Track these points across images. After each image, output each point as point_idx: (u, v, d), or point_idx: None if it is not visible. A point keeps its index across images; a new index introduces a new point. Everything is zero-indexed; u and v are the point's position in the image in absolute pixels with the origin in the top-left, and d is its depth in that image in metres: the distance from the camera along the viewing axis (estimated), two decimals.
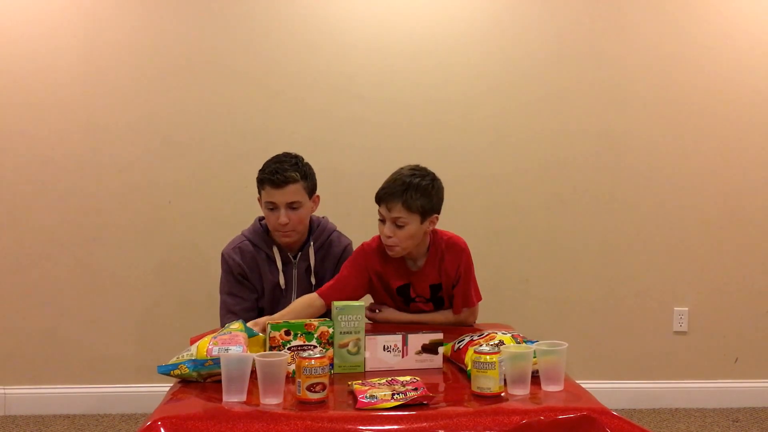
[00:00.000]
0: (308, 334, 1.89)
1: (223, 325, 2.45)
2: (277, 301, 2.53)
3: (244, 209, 3.54)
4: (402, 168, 2.42)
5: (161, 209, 3.58)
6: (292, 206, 2.42)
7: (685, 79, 3.69)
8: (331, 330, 1.90)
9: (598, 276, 3.72)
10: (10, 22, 3.49)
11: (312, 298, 2.37)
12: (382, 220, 2.36)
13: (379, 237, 2.44)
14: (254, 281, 2.53)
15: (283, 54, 3.58)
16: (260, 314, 2.54)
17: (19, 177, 3.54)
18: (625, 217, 3.71)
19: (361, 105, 3.60)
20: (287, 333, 1.88)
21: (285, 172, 2.40)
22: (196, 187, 3.59)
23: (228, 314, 2.51)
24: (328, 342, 1.89)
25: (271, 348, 1.87)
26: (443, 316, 2.51)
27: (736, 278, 3.75)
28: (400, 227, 2.32)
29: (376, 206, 2.39)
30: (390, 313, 2.52)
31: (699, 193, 3.72)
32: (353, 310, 1.90)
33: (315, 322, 1.91)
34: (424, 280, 2.48)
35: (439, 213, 2.42)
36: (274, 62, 3.58)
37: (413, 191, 2.31)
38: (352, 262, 2.47)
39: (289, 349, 1.86)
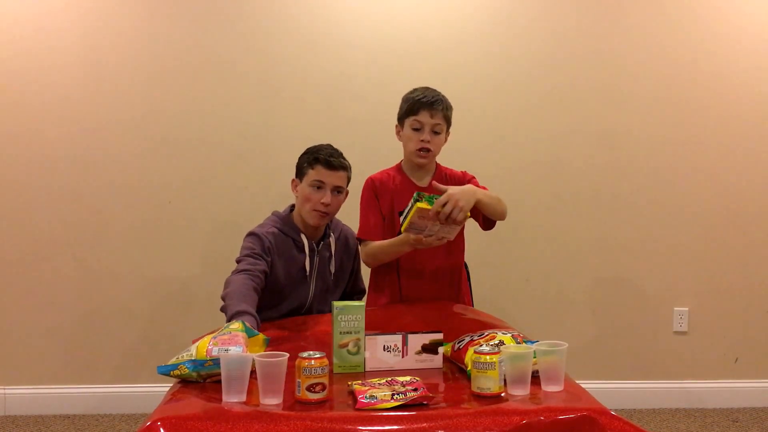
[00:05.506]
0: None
1: (237, 265, 2.43)
2: (300, 284, 2.57)
3: (244, 209, 3.54)
4: (416, 88, 2.57)
5: (161, 209, 3.59)
6: (337, 190, 2.56)
7: (685, 79, 3.69)
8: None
9: (598, 276, 3.72)
10: (10, 21, 3.49)
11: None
12: (418, 129, 2.50)
13: (382, 172, 2.63)
14: (277, 265, 2.53)
15: (283, 54, 3.58)
16: (264, 299, 2.48)
17: (19, 177, 3.54)
18: (625, 217, 3.71)
19: (361, 105, 3.60)
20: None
21: (340, 157, 2.58)
22: (196, 187, 3.59)
23: (244, 258, 2.44)
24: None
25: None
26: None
27: (736, 278, 3.75)
28: (436, 134, 2.52)
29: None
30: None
31: (699, 193, 3.72)
32: (353, 310, 1.90)
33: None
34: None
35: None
36: (274, 62, 3.59)
37: (447, 103, 2.54)
38: (367, 202, 2.61)
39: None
